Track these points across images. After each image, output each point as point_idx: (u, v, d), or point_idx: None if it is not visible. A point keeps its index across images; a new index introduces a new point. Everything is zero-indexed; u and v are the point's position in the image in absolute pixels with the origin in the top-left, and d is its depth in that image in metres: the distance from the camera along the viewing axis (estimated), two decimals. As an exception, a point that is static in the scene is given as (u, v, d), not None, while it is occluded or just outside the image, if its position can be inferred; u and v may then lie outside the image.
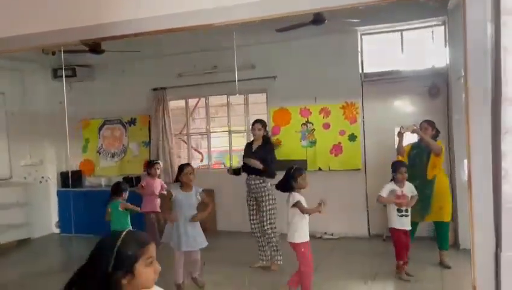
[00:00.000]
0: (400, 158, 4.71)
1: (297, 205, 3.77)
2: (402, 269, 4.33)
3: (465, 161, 2.09)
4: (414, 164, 4.67)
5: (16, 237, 6.59)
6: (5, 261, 5.87)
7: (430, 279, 4.33)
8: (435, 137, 4.67)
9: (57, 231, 7.20)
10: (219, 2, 2.39)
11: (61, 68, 7.21)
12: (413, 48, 5.82)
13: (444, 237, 4.65)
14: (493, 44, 1.92)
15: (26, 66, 6.74)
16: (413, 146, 4.80)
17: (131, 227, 4.63)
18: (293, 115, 6.32)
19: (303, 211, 3.78)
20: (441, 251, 4.65)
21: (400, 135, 4.73)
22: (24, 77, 6.91)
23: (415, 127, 4.67)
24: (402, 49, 5.82)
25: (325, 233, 6.04)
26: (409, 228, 4.34)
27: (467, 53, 2.07)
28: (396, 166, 4.39)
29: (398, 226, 4.33)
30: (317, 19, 4.87)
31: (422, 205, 4.55)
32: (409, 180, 4.41)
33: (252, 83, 6.44)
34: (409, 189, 4.36)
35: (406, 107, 5.91)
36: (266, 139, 4.93)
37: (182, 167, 4.15)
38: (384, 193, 4.33)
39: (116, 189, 4.79)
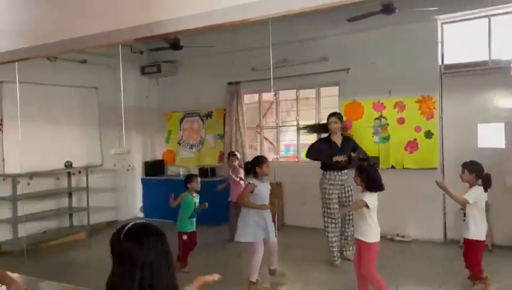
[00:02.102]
0: None
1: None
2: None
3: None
4: None
5: (106, 219, 7.29)
6: (97, 240, 6.52)
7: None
8: None
9: (141, 215, 7.80)
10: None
11: (149, 65, 7.81)
12: (503, 34, 5.18)
13: None
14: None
15: (118, 64, 7.35)
16: None
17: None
18: (365, 109, 6.05)
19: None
20: None
21: None
22: (116, 73, 7.55)
23: None
24: (489, 36, 5.23)
25: (397, 235, 5.72)
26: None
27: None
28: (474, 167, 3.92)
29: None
30: (386, 8, 4.63)
31: None
32: None
33: (324, 76, 6.33)
34: None
35: (491, 102, 5.30)
36: (345, 135, 4.93)
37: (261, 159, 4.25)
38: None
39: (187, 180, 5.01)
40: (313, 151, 4.99)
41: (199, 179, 5.01)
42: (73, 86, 6.69)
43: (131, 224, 1.49)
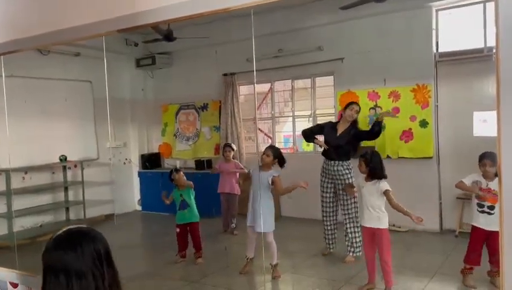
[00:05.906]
0: None
1: (387, 193, 3.77)
2: (466, 275, 3.84)
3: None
4: None
5: (103, 212, 7.29)
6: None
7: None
8: None
9: (139, 208, 7.80)
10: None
11: (144, 58, 7.75)
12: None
13: None
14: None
15: (112, 57, 7.30)
16: None
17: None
18: (360, 99, 5.99)
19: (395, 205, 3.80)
20: None
21: None
22: (111, 66, 7.49)
23: None
24: (485, 23, 5.15)
25: (393, 225, 5.67)
26: (489, 228, 3.66)
27: (500, 28, 1.72)
28: (481, 157, 3.78)
29: (475, 223, 3.81)
30: (377, -5, 4.57)
31: None
32: None
33: (319, 65, 6.27)
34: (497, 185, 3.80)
35: (486, 89, 5.21)
36: (355, 124, 4.73)
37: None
38: (467, 180, 3.83)
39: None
40: (308, 129, 5.00)
41: (179, 173, 5.05)
42: (67, 79, 6.65)
43: (63, 230, 1.32)
